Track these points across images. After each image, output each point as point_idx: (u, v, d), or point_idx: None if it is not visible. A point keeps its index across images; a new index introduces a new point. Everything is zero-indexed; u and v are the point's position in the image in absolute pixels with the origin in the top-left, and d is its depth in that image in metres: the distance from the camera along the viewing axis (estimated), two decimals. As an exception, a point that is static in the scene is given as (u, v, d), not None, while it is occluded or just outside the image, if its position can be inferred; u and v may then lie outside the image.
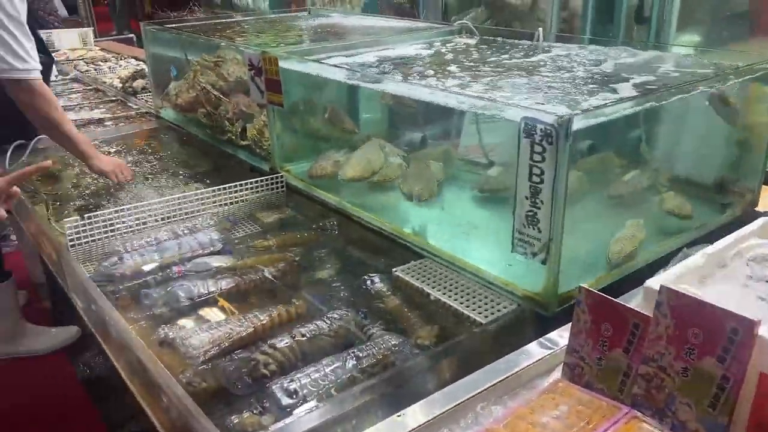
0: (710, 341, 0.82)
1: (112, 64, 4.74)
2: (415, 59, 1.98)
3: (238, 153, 2.32)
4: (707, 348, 0.82)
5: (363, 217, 1.78)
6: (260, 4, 6.29)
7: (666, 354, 0.87)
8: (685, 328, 0.85)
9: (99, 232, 1.71)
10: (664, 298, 0.87)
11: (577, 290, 0.98)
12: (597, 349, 0.97)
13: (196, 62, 2.56)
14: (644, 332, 0.91)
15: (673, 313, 0.86)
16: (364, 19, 2.92)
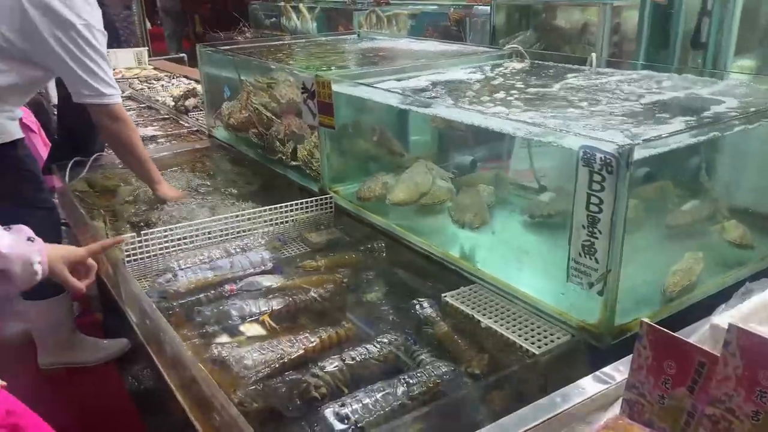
0: (784, 385, 0.78)
1: (165, 83, 4.90)
2: (466, 83, 1.98)
3: (288, 173, 2.36)
4: (781, 392, 0.79)
5: (411, 240, 1.78)
6: (308, 26, 6.42)
7: (735, 396, 0.84)
8: (756, 370, 0.82)
9: (154, 248, 1.75)
10: (733, 337, 0.84)
11: (639, 324, 0.95)
12: (659, 386, 0.94)
13: (249, 83, 2.62)
14: (711, 372, 0.87)
15: (743, 354, 0.83)
16: (412, 43, 2.95)
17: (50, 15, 1.94)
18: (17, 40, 1.97)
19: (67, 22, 1.95)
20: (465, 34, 4.40)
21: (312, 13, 6.42)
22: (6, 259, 0.98)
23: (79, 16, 1.96)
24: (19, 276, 1.00)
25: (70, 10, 1.94)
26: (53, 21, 1.94)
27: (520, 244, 1.69)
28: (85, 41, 1.98)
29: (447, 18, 4.77)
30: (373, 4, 5.69)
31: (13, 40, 1.97)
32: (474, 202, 1.72)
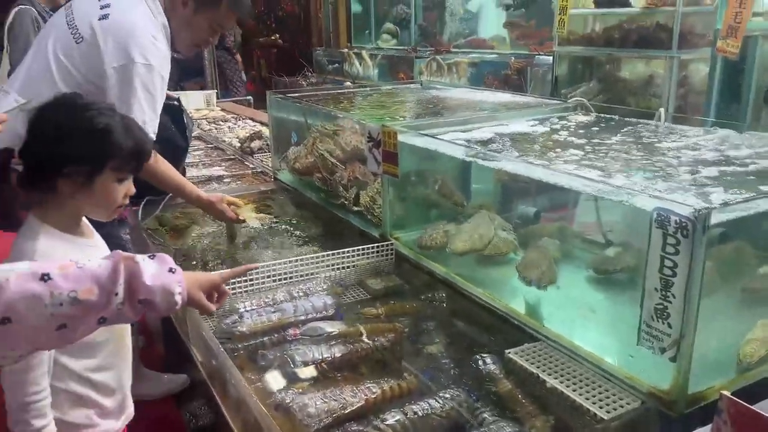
0: None
1: (231, 124, 5.10)
2: (530, 136, 1.99)
3: (350, 218, 2.40)
4: None
5: (473, 291, 1.77)
6: (370, 73, 6.59)
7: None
8: None
9: (221, 289, 1.80)
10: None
11: (718, 396, 0.92)
12: (741, 464, 0.89)
13: (316, 129, 2.71)
14: (800, 453, 0.83)
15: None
16: (475, 93, 2.99)
17: (116, 48, 2.01)
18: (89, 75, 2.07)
19: (129, 57, 2.06)
20: (526, 83, 4.43)
21: (374, 60, 6.60)
22: (149, 290, 1.01)
23: (144, 56, 2.06)
24: (160, 306, 1.03)
25: (137, 48, 2.05)
26: (118, 54, 2.06)
27: (586, 301, 1.66)
28: (137, 79, 2.05)
29: (508, 67, 4.82)
30: (434, 52, 5.82)
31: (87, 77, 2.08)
32: (542, 259, 1.70)
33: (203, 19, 2.18)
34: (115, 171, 1.29)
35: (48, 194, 1.26)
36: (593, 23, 3.71)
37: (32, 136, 1.27)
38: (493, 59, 5.17)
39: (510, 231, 1.93)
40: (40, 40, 2.27)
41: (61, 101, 1.31)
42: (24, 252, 1.22)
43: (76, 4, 2.21)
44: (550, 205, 2.10)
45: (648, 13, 3.31)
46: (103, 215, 1.37)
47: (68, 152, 1.23)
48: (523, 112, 2.33)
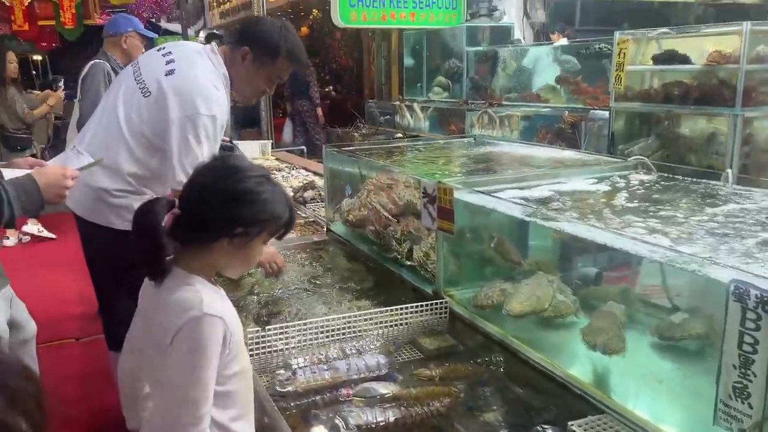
0: None
1: (285, 174, 5.20)
2: (590, 195, 1.95)
3: (403, 272, 2.38)
4: None
5: (531, 355, 1.72)
6: (421, 125, 6.67)
7: None
8: None
9: (274, 343, 1.80)
10: None
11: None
12: None
13: (370, 182, 2.73)
14: None
15: None
16: (530, 148, 2.97)
17: (181, 101, 2.11)
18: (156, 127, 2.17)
19: (194, 109, 2.11)
20: (580, 138, 4.39)
21: (425, 112, 6.68)
22: None
23: (207, 107, 2.14)
24: None
25: (202, 101, 2.13)
26: (183, 106, 2.12)
27: (653, 370, 1.58)
28: (201, 129, 2.11)
29: (561, 120, 4.80)
30: (486, 105, 5.85)
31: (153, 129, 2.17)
32: (609, 323, 1.63)
33: (262, 71, 2.27)
34: (268, 236, 1.38)
35: (203, 249, 1.34)
36: (651, 79, 3.66)
37: (203, 196, 1.35)
38: (546, 113, 5.15)
39: (569, 294, 1.87)
40: (108, 94, 2.39)
41: (229, 164, 1.41)
42: (191, 302, 1.28)
43: (143, 61, 2.34)
44: (612, 266, 2.03)
45: (709, 70, 3.25)
46: (238, 273, 1.51)
47: (242, 217, 1.32)
48: (582, 170, 2.30)
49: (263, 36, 2.23)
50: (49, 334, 2.06)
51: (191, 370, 1.24)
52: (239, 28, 2.44)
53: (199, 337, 1.25)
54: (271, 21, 2.34)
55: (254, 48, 2.23)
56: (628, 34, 3.58)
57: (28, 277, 4.25)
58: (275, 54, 2.24)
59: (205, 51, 2.27)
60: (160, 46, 2.42)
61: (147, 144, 2.19)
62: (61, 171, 1.78)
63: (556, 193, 1.95)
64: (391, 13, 6.83)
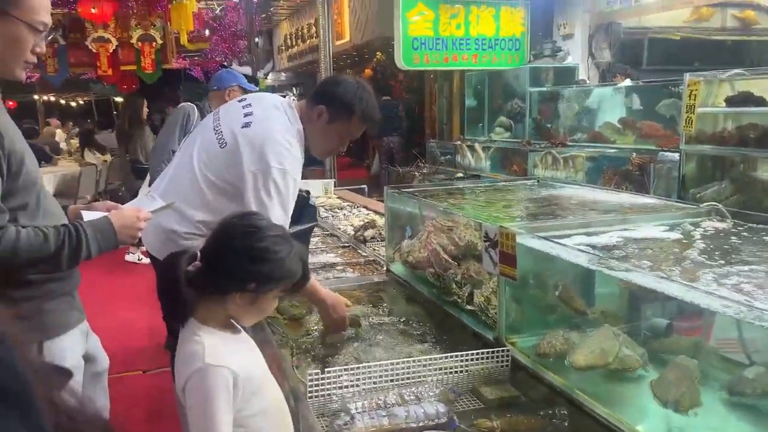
0: None
1: (347, 212, 5.28)
2: (661, 243, 1.88)
3: (463, 316, 2.35)
4: None
5: (597, 410, 1.64)
6: (482, 165, 6.65)
7: None
8: None
9: (333, 386, 1.80)
10: None
11: None
12: None
13: (430, 223, 2.73)
14: None
15: None
16: (595, 192, 2.90)
17: (254, 154, 2.22)
18: (229, 176, 2.26)
19: (265, 163, 2.21)
20: (648, 180, 4.25)
21: (486, 153, 6.67)
22: None
23: (279, 161, 2.22)
24: None
25: (273, 155, 2.21)
26: (255, 159, 2.22)
27: (727, 429, 1.48)
28: (272, 182, 2.21)
29: (628, 162, 4.67)
30: (549, 145, 5.78)
31: (227, 178, 2.27)
32: (682, 378, 1.55)
33: (336, 129, 2.34)
34: (281, 291, 1.50)
35: (217, 299, 1.45)
36: (724, 122, 3.54)
37: (223, 251, 1.47)
38: (612, 154, 5.04)
39: (636, 347, 1.79)
40: (188, 142, 2.52)
41: (249, 223, 1.52)
42: (195, 354, 1.39)
43: (223, 111, 2.46)
44: (683, 317, 1.94)
45: (788, 113, 3.11)
46: (252, 322, 1.58)
47: (255, 274, 1.43)
48: (652, 216, 2.22)
49: (340, 96, 2.31)
50: (117, 365, 2.14)
51: (203, 420, 1.32)
52: (318, 86, 2.53)
53: (205, 388, 1.34)
54: (348, 81, 2.40)
55: (330, 107, 2.31)
56: (699, 75, 3.49)
57: (102, 310, 4.45)
58: (350, 114, 2.31)
59: (282, 106, 2.37)
60: (242, 98, 2.54)
61: (219, 192, 2.29)
62: (135, 213, 1.88)
63: (623, 240, 1.89)
64: (454, 56, 6.92)
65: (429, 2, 6.70)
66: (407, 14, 6.63)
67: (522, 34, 7.13)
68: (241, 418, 1.36)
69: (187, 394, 1.36)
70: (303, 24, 12.68)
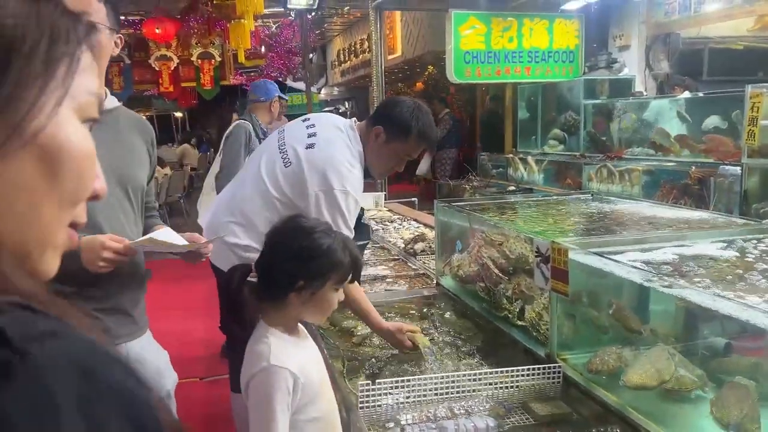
0: None
1: (397, 225, 5.32)
2: (718, 261, 1.83)
3: (513, 332, 2.34)
4: None
5: (651, 429, 1.61)
6: (534, 178, 6.58)
7: None
8: None
9: (383, 397, 1.83)
10: None
11: None
12: None
13: (480, 237, 2.73)
14: None
15: None
16: (651, 207, 2.84)
17: (318, 176, 2.30)
18: (292, 194, 2.35)
19: (328, 184, 2.29)
20: (708, 195, 4.12)
21: (539, 165, 6.59)
22: None
23: (342, 183, 2.29)
24: None
25: (336, 177, 2.29)
26: (319, 181, 2.30)
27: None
28: (335, 203, 2.29)
29: (687, 176, 4.54)
30: (605, 159, 5.67)
31: (290, 195, 2.36)
32: (742, 398, 1.51)
33: (393, 148, 2.41)
34: (335, 283, 1.55)
35: (278, 303, 1.52)
36: (789, 134, 3.41)
37: (271, 256, 1.56)
38: (670, 167, 4.91)
39: (692, 368, 1.75)
40: (253, 159, 2.63)
41: (291, 225, 1.59)
42: (261, 354, 1.46)
43: (288, 130, 2.56)
44: (743, 335, 1.88)
45: None
46: (320, 319, 1.67)
47: (301, 272, 1.50)
48: (710, 233, 2.17)
49: (396, 116, 2.38)
50: (176, 372, 2.24)
51: (262, 418, 1.37)
52: (377, 108, 2.60)
53: (266, 388, 1.40)
54: (405, 102, 2.46)
55: (387, 127, 2.38)
56: (762, 87, 3.37)
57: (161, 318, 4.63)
58: (407, 134, 2.38)
59: (345, 127, 2.45)
60: (305, 117, 2.64)
61: (284, 208, 2.38)
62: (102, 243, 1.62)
63: (678, 257, 1.86)
64: (506, 68, 6.90)
65: (481, 16, 6.71)
66: (459, 28, 6.66)
67: (576, 46, 7.05)
68: (296, 422, 1.41)
69: (250, 392, 1.44)
70: (356, 39, 12.89)
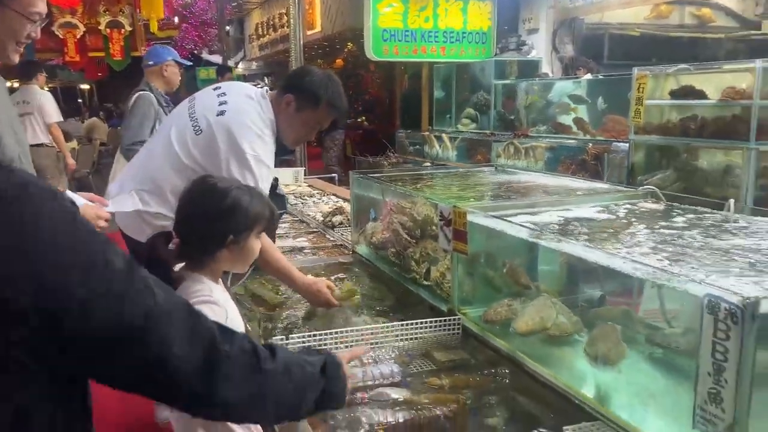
0: None
1: (316, 200, 5.41)
2: (595, 222, 2.07)
3: (421, 291, 2.53)
4: None
5: (536, 369, 1.83)
6: (448, 155, 6.85)
7: None
8: None
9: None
10: None
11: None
12: None
13: (392, 204, 2.89)
14: None
15: None
16: (547, 178, 3.10)
17: (229, 141, 2.34)
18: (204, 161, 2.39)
19: (240, 149, 2.34)
20: (603, 169, 4.49)
21: (453, 143, 6.86)
22: None
23: (253, 149, 2.36)
24: None
25: (247, 142, 2.34)
26: (230, 146, 2.35)
27: (646, 385, 1.68)
28: (246, 166, 2.34)
29: (585, 152, 4.91)
30: (512, 137, 6.00)
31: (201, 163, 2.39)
32: (610, 337, 1.75)
33: (304, 117, 2.48)
34: (258, 232, 1.66)
35: (206, 261, 1.61)
36: (669, 113, 3.78)
37: (194, 219, 1.62)
38: (570, 144, 5.28)
39: (571, 315, 1.99)
40: (162, 129, 2.62)
41: (207, 187, 1.65)
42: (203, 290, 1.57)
43: (198, 99, 2.57)
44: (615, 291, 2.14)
45: (724, 106, 3.35)
46: (244, 268, 1.76)
47: (230, 228, 1.59)
48: (592, 198, 2.42)
49: (307, 85, 2.44)
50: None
51: None
52: (287, 77, 2.66)
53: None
54: (316, 71, 2.53)
55: (298, 96, 2.44)
56: (647, 69, 3.72)
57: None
58: (317, 103, 2.44)
59: (256, 96, 2.49)
60: (217, 86, 2.65)
61: (198, 174, 2.40)
62: (95, 212, 2.00)
63: (562, 219, 2.08)
64: (422, 47, 7.09)
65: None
66: (377, 6, 6.76)
67: (489, 28, 7.34)
68: None
69: None
70: (274, 13, 12.68)
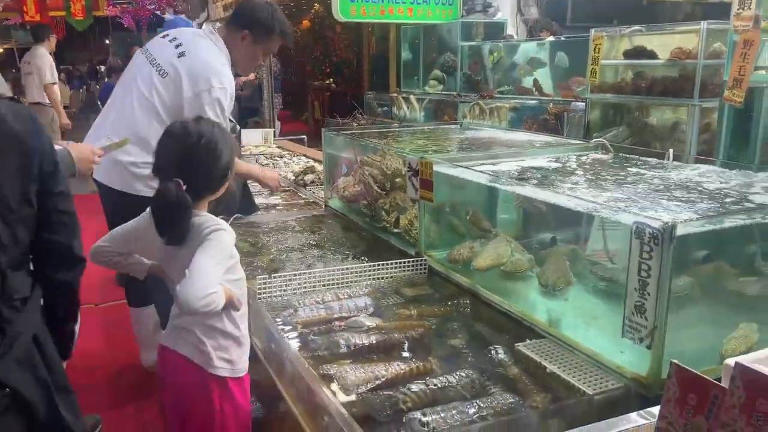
0: (774, 409, 0.99)
1: (287, 160, 5.53)
2: (546, 170, 2.29)
3: (391, 239, 2.72)
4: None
5: (493, 299, 2.06)
6: (416, 116, 6.99)
7: (738, 421, 1.04)
8: (755, 398, 1.02)
9: (279, 290, 2.14)
10: (737, 372, 1.05)
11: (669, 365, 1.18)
12: (683, 415, 1.15)
13: (363, 158, 3.06)
14: (722, 402, 1.08)
15: (744, 386, 1.04)
16: (509, 134, 3.30)
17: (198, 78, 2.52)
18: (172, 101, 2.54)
19: (209, 83, 2.53)
20: (562, 127, 4.72)
21: (420, 104, 7.00)
22: None
23: (220, 81, 2.56)
24: None
25: (215, 76, 2.54)
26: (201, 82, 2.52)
27: (590, 310, 1.92)
28: (216, 99, 2.54)
29: (546, 112, 5.13)
30: (478, 97, 6.17)
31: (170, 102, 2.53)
32: (559, 266, 1.98)
33: (259, 48, 2.74)
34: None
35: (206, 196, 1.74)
36: (623, 72, 4.00)
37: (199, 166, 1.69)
38: (532, 104, 5.48)
39: (525, 254, 2.21)
40: (126, 82, 2.73)
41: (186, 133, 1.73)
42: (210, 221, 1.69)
43: (152, 48, 2.74)
44: (568, 233, 2.37)
45: (672, 65, 3.58)
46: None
47: (227, 168, 1.74)
48: (547, 150, 2.63)
49: (259, 20, 2.68)
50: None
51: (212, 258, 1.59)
52: (235, 11, 2.84)
53: (222, 239, 1.64)
54: (263, 5, 2.75)
55: (253, 30, 2.68)
56: (603, 31, 3.91)
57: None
58: (270, 33, 2.71)
59: (206, 33, 2.73)
60: (164, 34, 2.79)
61: (168, 118, 2.54)
62: (90, 148, 2.13)
63: (518, 168, 2.29)
64: (390, 8, 7.14)
65: (365, -45, 6.86)
66: (344, -34, 6.77)
67: (455, -11, 7.41)
68: (227, 281, 1.67)
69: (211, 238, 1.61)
70: (239, -27, 12.45)
